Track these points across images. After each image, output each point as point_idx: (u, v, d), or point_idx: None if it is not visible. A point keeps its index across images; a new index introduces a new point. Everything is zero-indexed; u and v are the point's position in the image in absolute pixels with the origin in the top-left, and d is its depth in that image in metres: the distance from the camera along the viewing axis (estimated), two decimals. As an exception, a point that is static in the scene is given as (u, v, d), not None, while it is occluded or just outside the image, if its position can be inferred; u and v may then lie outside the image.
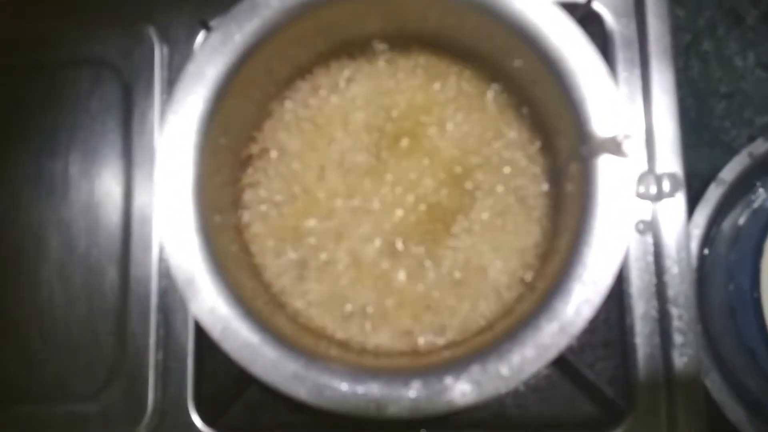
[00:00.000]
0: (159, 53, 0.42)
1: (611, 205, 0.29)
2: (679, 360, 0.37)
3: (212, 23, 0.39)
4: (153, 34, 0.43)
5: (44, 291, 0.41)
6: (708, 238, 0.48)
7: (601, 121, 0.29)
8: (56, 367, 0.41)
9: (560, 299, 0.28)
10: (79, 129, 0.43)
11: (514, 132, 0.35)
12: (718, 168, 0.47)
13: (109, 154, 0.42)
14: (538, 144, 0.35)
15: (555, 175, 0.35)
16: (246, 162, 0.36)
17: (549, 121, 0.33)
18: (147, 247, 0.40)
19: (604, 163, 0.29)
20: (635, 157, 0.28)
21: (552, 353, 0.28)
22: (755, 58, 0.52)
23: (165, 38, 0.43)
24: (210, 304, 0.29)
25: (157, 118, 0.42)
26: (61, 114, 0.43)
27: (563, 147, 0.32)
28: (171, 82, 0.42)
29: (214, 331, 0.29)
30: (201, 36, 0.41)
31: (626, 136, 0.28)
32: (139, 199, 0.41)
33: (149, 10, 0.43)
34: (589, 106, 0.29)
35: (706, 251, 0.48)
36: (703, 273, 0.48)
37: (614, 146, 0.29)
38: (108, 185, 0.42)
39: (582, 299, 0.28)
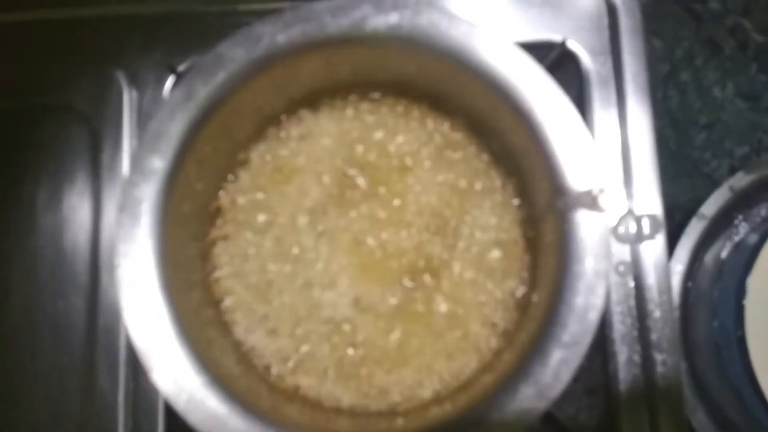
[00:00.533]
0: (128, 98, 0.42)
1: (589, 263, 0.28)
2: (664, 406, 0.37)
3: (180, 69, 0.38)
4: (122, 78, 0.42)
5: (10, 342, 0.40)
6: (691, 272, 0.47)
7: (575, 175, 0.29)
8: (22, 423, 0.39)
9: (538, 362, 0.27)
10: (47, 175, 0.42)
11: (489, 182, 0.35)
12: (699, 199, 0.47)
13: (77, 201, 0.41)
14: (515, 194, 0.34)
15: (533, 225, 0.34)
16: (215, 214, 0.35)
17: (525, 172, 0.33)
18: (115, 298, 0.39)
19: (580, 218, 0.29)
20: (611, 210, 0.27)
21: (530, 417, 0.27)
22: (734, 88, 0.52)
23: (134, 83, 0.42)
24: (173, 373, 0.28)
25: (126, 163, 0.41)
26: (27, 160, 0.42)
27: (540, 198, 0.32)
28: (141, 127, 0.41)
29: (179, 402, 0.27)
30: (170, 81, 0.40)
31: (602, 190, 0.27)
32: (109, 248, 0.40)
33: (118, 55, 0.42)
34: (562, 160, 0.28)
35: (689, 284, 0.47)
36: (687, 308, 0.47)
37: (590, 200, 0.28)
38: (75, 233, 0.41)
39: (560, 361, 0.27)
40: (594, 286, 0.28)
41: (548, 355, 0.27)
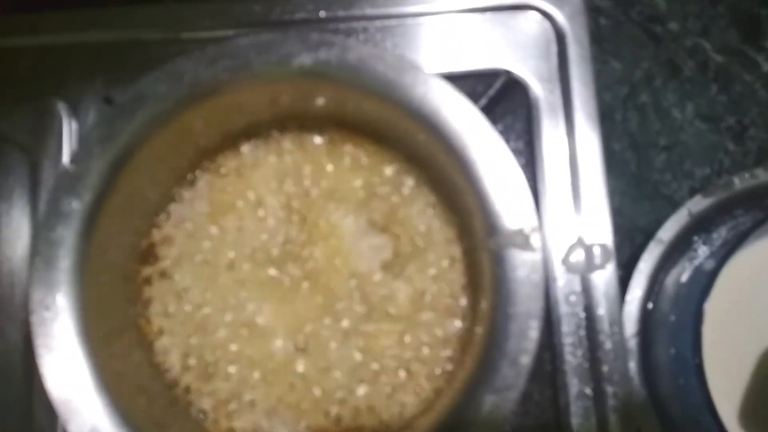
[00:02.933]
0: (68, 129, 0.40)
1: (520, 305, 0.27)
2: (617, 440, 0.36)
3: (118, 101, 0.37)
4: (62, 109, 0.41)
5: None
6: (650, 296, 0.47)
7: (507, 214, 0.28)
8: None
9: (471, 407, 0.26)
10: (-18, 210, 0.40)
11: (430, 214, 0.34)
12: (659, 221, 0.46)
13: (15, 235, 0.40)
14: (455, 226, 0.34)
15: (473, 257, 0.33)
16: (148, 251, 0.34)
17: (463, 209, 0.32)
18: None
19: (512, 257, 0.28)
20: (558, 242, 0.27)
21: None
22: (694, 110, 0.52)
23: (74, 113, 0.40)
24: (90, 425, 0.26)
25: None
26: (-37, 192, 0.41)
27: (477, 233, 0.31)
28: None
29: (95, 456, 0.26)
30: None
31: (534, 229, 0.27)
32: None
33: (58, 85, 0.41)
34: (494, 198, 0.28)
35: (650, 305, 0.47)
36: (648, 333, 0.47)
37: (522, 240, 0.27)
38: (13, 269, 0.40)
39: (493, 406, 0.26)
40: (526, 330, 0.27)
41: (481, 401, 0.26)
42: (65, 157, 0.40)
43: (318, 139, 0.35)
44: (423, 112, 0.28)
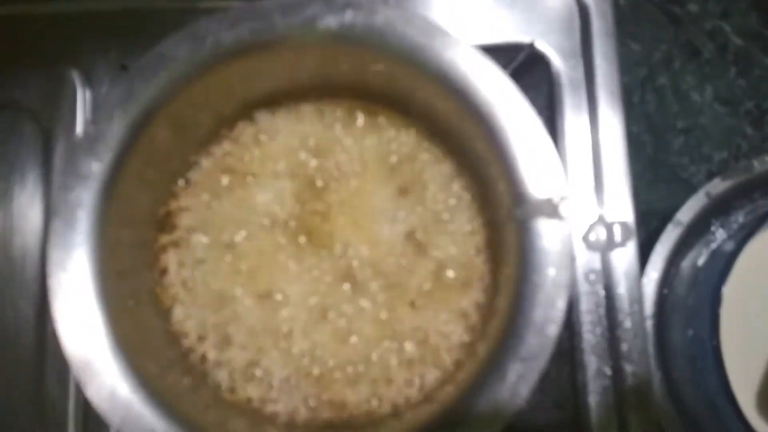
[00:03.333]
0: (81, 98, 0.40)
1: (548, 273, 0.27)
2: (635, 419, 0.35)
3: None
4: (76, 78, 0.40)
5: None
6: (667, 279, 0.47)
7: (535, 183, 0.27)
8: (-32, 435, 0.38)
9: (496, 377, 0.26)
10: (-4, 177, 0.40)
11: (451, 186, 0.33)
12: (676, 205, 0.46)
13: (28, 203, 0.40)
14: (476, 198, 0.33)
15: (495, 230, 0.33)
16: (165, 220, 0.33)
17: (486, 176, 0.31)
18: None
19: (540, 227, 0.27)
20: (579, 218, 0.26)
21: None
22: (713, 93, 0.51)
23: (88, 82, 0.40)
24: (109, 388, 0.26)
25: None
26: (-24, 160, 0.40)
27: (501, 204, 0.30)
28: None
29: (114, 419, 0.26)
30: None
31: (562, 198, 0.26)
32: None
33: (72, 53, 0.40)
34: (522, 167, 0.27)
35: (665, 291, 0.47)
36: (663, 315, 0.46)
37: (550, 209, 0.26)
38: (26, 237, 0.39)
39: (518, 376, 0.26)
40: (554, 298, 0.26)
41: (506, 370, 0.26)
42: (79, 126, 0.39)
43: (338, 109, 0.34)
44: (451, 78, 0.28)
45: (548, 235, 0.27)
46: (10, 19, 0.41)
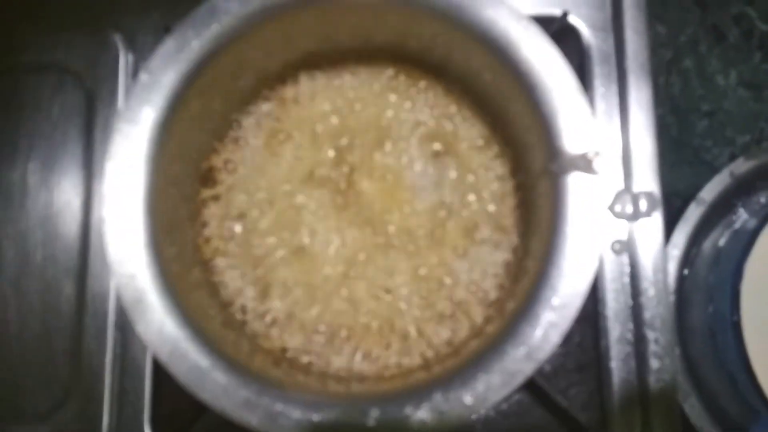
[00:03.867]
0: (124, 61, 0.41)
1: (581, 226, 0.28)
2: (656, 386, 0.36)
3: (175, 29, 0.38)
4: (118, 40, 0.41)
5: (-3, 307, 0.39)
6: (688, 259, 0.47)
7: (571, 137, 0.28)
8: (8, 386, 0.39)
9: (527, 323, 0.27)
10: (40, 137, 0.41)
11: (484, 149, 0.34)
12: (698, 187, 0.46)
13: (70, 163, 0.41)
14: (508, 160, 0.34)
15: (526, 192, 0.34)
16: (207, 175, 0.35)
17: (520, 136, 0.32)
18: (105, 262, 0.38)
19: (574, 181, 0.28)
20: (606, 175, 0.27)
21: (518, 380, 0.27)
22: (737, 77, 0.52)
23: (131, 46, 0.41)
24: (158, 325, 0.27)
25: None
26: (21, 120, 0.42)
27: (534, 163, 0.31)
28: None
29: (162, 353, 0.27)
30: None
31: (597, 153, 0.27)
32: (99, 212, 0.39)
33: (115, 17, 0.42)
34: (558, 122, 0.28)
35: (685, 272, 0.47)
36: (683, 294, 0.47)
37: (585, 163, 0.27)
38: (67, 196, 0.41)
39: (550, 324, 0.27)
40: (586, 249, 0.27)
41: (537, 317, 0.27)
42: (121, 88, 0.40)
43: (376, 72, 0.35)
44: (491, 36, 0.28)
45: (582, 188, 0.28)
46: (55, -17, 0.42)
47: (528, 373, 0.27)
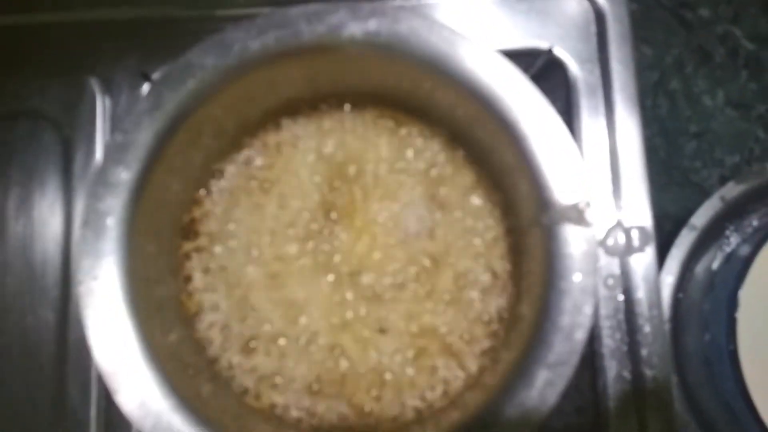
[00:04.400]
0: (101, 106, 0.40)
1: (575, 279, 0.27)
2: (655, 424, 0.35)
3: (154, 76, 0.37)
4: (95, 85, 0.40)
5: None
6: (682, 283, 0.47)
7: (561, 189, 0.27)
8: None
9: (523, 383, 0.26)
10: (16, 185, 0.40)
11: (473, 194, 0.33)
12: (689, 209, 0.46)
13: (48, 212, 0.40)
14: (499, 205, 0.33)
15: (518, 237, 0.33)
16: (188, 227, 0.34)
17: (509, 184, 0.31)
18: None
19: (566, 232, 0.27)
20: (599, 223, 0.26)
21: (515, 441, 0.26)
22: (725, 97, 0.51)
23: (107, 90, 0.40)
24: (139, 396, 0.26)
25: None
26: (-6, 170, 0.40)
27: (525, 210, 0.30)
28: (114, 135, 0.39)
29: (145, 426, 0.26)
30: (145, 88, 0.39)
31: (588, 204, 0.26)
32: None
33: (91, 62, 0.41)
34: (547, 173, 0.27)
35: (680, 296, 0.47)
36: (678, 320, 0.46)
37: (576, 214, 0.27)
38: (46, 246, 0.39)
39: (546, 382, 0.26)
40: (581, 304, 0.26)
41: (533, 377, 0.26)
42: (98, 134, 0.40)
43: (360, 117, 0.34)
44: (475, 84, 0.28)
45: (574, 240, 0.27)
46: (29, 28, 0.41)
47: (526, 434, 0.26)
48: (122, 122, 0.27)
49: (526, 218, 0.30)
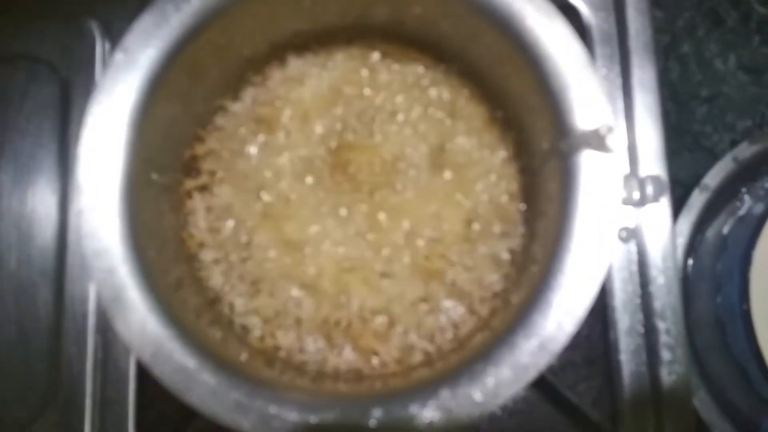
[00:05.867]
0: (101, 49, 0.39)
1: (595, 207, 0.26)
2: (668, 378, 0.35)
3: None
4: (94, 28, 0.39)
5: (-29, 311, 0.37)
6: (692, 247, 0.46)
7: (582, 113, 0.26)
8: (-16, 394, 0.36)
9: (539, 313, 0.25)
10: (12, 131, 0.39)
11: (484, 132, 0.32)
12: (699, 174, 0.45)
13: (45, 159, 0.39)
14: (511, 143, 0.32)
15: (531, 176, 0.32)
16: (190, 164, 0.32)
17: (524, 116, 0.30)
18: (84, 263, 0.36)
19: (585, 160, 0.26)
20: (619, 154, 0.25)
21: (531, 374, 0.25)
22: (736, 61, 0.50)
23: (107, 33, 0.39)
24: (139, 323, 0.25)
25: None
26: (-8, 110, 0.39)
27: (540, 144, 0.29)
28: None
29: (144, 353, 0.25)
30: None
31: (610, 129, 0.25)
32: (77, 206, 0.37)
33: (91, 4, 0.40)
34: (568, 97, 0.26)
35: (690, 261, 0.46)
36: (688, 284, 0.46)
37: (597, 140, 0.26)
38: (42, 194, 0.38)
39: (563, 312, 0.25)
40: (602, 229, 0.25)
41: (550, 306, 0.25)
42: (98, 77, 0.38)
43: (368, 54, 0.33)
44: (492, 6, 0.27)
45: (595, 165, 0.26)
46: (27, -31, 0.40)
47: (542, 366, 0.25)
48: (123, 40, 0.26)
49: (542, 151, 0.29)
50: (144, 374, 0.34)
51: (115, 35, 0.39)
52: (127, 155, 0.26)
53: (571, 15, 0.38)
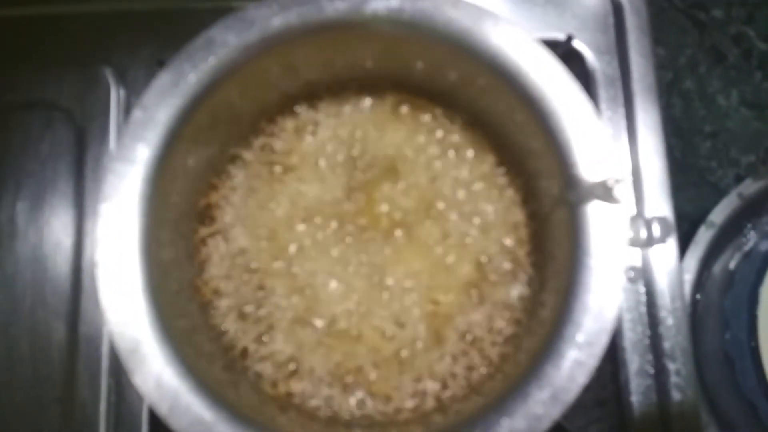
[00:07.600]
0: (115, 96, 0.40)
1: (604, 257, 0.26)
2: (679, 419, 0.34)
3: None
4: (109, 76, 0.40)
5: (-14, 353, 0.37)
6: (700, 283, 0.46)
7: (589, 165, 0.27)
8: (-3, 437, 0.37)
9: (551, 364, 0.25)
10: (28, 175, 0.40)
11: (494, 179, 0.33)
12: (705, 209, 0.45)
13: (60, 202, 0.39)
14: (520, 189, 0.33)
15: (540, 222, 0.32)
16: (204, 213, 0.33)
17: (531, 165, 0.31)
18: (98, 305, 0.37)
19: (593, 210, 0.27)
20: (625, 202, 0.26)
21: (544, 425, 0.25)
22: (739, 96, 0.51)
23: (122, 81, 0.40)
24: (156, 376, 0.25)
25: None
26: (8, 159, 0.40)
27: (548, 192, 0.30)
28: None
29: (161, 407, 0.25)
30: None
31: (617, 181, 0.26)
32: (91, 252, 0.38)
33: (106, 51, 0.41)
34: (575, 149, 0.27)
35: (698, 296, 0.46)
36: (696, 319, 0.46)
37: (604, 191, 0.26)
38: (57, 236, 0.39)
39: (575, 363, 0.25)
40: (610, 282, 0.26)
41: (562, 357, 0.25)
42: (112, 124, 0.39)
43: (379, 103, 0.34)
44: (501, 61, 0.27)
45: (602, 218, 0.27)
46: (45, 18, 0.41)
47: (555, 416, 0.25)
48: (142, 98, 0.27)
49: (550, 198, 0.29)
50: (157, 420, 0.34)
51: (129, 82, 0.40)
52: (144, 209, 0.27)
53: (576, 60, 0.39)
